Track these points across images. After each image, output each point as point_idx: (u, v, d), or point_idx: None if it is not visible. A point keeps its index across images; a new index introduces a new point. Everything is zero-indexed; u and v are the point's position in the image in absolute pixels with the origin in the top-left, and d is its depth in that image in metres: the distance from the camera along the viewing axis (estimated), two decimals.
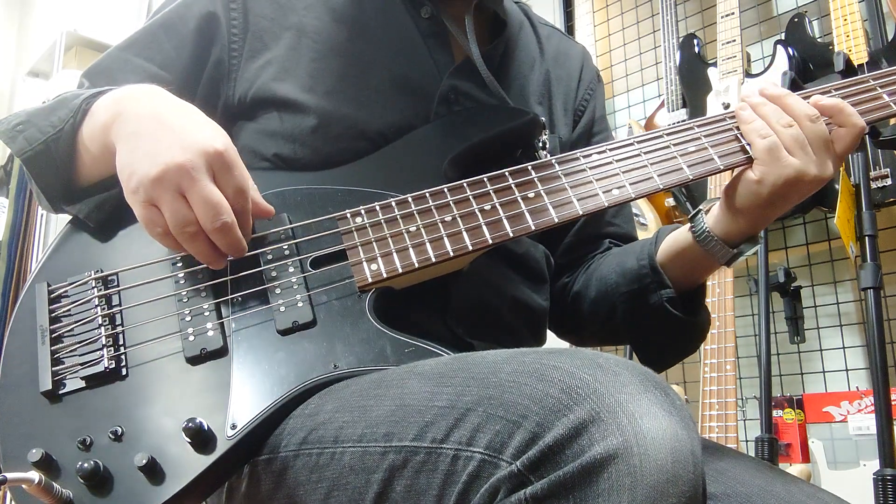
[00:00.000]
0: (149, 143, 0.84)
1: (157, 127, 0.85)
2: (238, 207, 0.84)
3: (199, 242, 0.83)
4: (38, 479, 0.75)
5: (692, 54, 2.87)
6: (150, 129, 0.85)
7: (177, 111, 0.88)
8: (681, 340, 1.09)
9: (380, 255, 0.89)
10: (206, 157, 0.82)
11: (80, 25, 3.49)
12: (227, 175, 0.83)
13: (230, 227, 0.82)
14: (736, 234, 0.97)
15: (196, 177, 0.81)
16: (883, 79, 0.99)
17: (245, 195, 0.85)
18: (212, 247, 0.84)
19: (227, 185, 0.83)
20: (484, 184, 0.93)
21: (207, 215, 0.81)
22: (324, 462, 0.76)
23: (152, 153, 0.82)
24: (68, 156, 0.93)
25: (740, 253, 0.98)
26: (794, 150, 0.91)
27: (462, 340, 0.97)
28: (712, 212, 1.00)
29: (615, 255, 1.13)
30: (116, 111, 0.89)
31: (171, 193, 0.81)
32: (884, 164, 2.31)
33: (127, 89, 0.93)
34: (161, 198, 0.81)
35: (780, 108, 0.93)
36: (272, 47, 1.03)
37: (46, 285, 0.90)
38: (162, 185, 0.81)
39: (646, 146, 0.95)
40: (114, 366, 0.85)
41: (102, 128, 0.90)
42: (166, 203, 0.81)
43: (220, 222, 0.81)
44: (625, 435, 0.58)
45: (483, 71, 1.04)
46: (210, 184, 0.82)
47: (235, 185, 0.84)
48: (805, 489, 0.86)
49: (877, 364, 1.87)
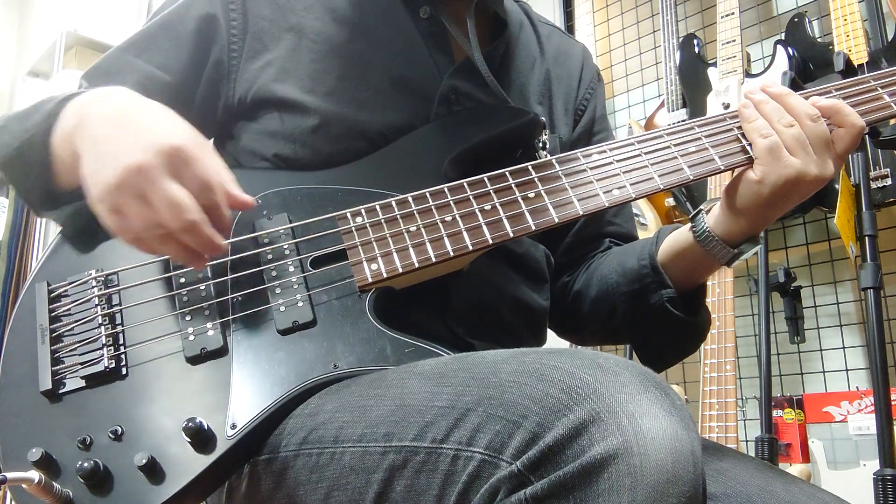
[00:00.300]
0: (107, 148, 0.81)
1: (114, 130, 0.82)
2: (207, 202, 0.80)
3: (170, 245, 0.80)
4: (37, 478, 0.75)
5: (692, 54, 2.87)
6: (109, 133, 0.82)
7: (138, 111, 0.85)
8: (681, 340, 1.09)
9: (380, 255, 0.89)
10: (164, 155, 0.79)
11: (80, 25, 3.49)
12: (187, 170, 0.80)
13: (196, 224, 0.79)
14: (737, 234, 0.97)
15: (154, 177, 0.78)
16: (883, 79, 0.99)
17: (211, 189, 0.81)
18: (186, 248, 0.81)
19: (190, 181, 0.80)
20: (484, 184, 0.93)
21: (170, 216, 0.78)
22: (324, 462, 0.76)
23: (111, 157, 0.80)
24: (43, 161, 0.90)
25: (741, 253, 0.98)
26: (795, 150, 0.91)
27: (462, 340, 0.97)
28: (713, 212, 1.00)
29: (616, 255, 1.13)
30: (79, 117, 0.87)
31: (133, 198, 0.78)
32: (884, 164, 2.31)
33: (92, 93, 0.91)
34: (124, 203, 0.79)
35: (781, 107, 0.93)
36: (272, 48, 1.03)
37: (46, 285, 0.90)
38: (122, 191, 0.78)
39: (646, 146, 0.95)
40: (114, 365, 0.85)
41: (68, 135, 0.87)
42: (130, 208, 0.79)
43: (184, 222, 0.78)
44: (625, 435, 0.58)
45: (484, 71, 1.04)
46: (169, 183, 0.78)
47: (199, 180, 0.80)
48: (805, 489, 0.86)
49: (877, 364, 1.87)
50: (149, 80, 1.01)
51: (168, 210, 0.78)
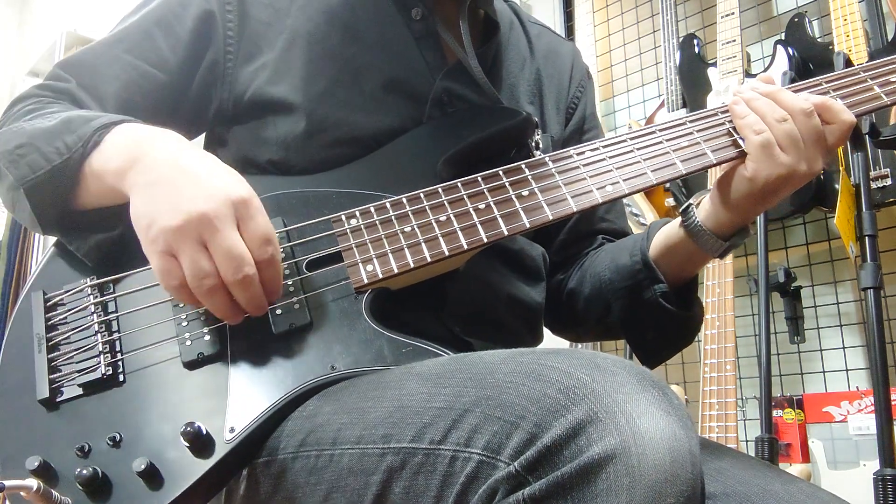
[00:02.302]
0: (169, 193, 0.80)
1: (177, 175, 0.81)
2: (265, 258, 0.81)
3: (217, 297, 0.80)
4: (36, 486, 0.75)
5: (692, 54, 2.87)
6: (171, 178, 0.81)
7: (198, 160, 0.84)
8: (676, 334, 1.09)
9: (375, 256, 0.88)
10: (232, 206, 0.79)
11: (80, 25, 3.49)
12: (252, 223, 0.80)
13: (251, 280, 0.79)
14: (728, 226, 0.98)
15: (219, 226, 0.78)
16: (873, 70, 0.99)
17: (273, 243, 0.81)
18: (230, 302, 0.81)
19: (251, 236, 0.80)
20: (478, 183, 0.93)
21: (229, 267, 0.78)
22: (322, 464, 0.76)
23: (174, 202, 0.79)
24: (71, 186, 0.89)
25: (733, 245, 0.99)
26: (787, 147, 0.91)
27: (459, 339, 0.97)
28: (703, 205, 1.00)
29: (608, 252, 1.14)
30: (133, 157, 0.85)
31: (193, 243, 0.78)
32: (884, 164, 2.31)
33: (143, 132, 0.89)
34: (181, 248, 0.78)
35: (773, 103, 0.93)
36: (266, 51, 1.03)
37: (42, 293, 0.90)
38: (183, 235, 0.78)
39: (639, 142, 0.96)
40: (111, 372, 0.85)
41: (116, 173, 0.85)
42: (186, 253, 0.78)
43: (242, 275, 0.78)
44: (623, 435, 0.58)
45: (477, 73, 1.04)
46: (234, 233, 0.79)
47: (262, 234, 0.80)
48: (804, 489, 0.86)
49: (877, 364, 1.86)
50: (143, 78, 1.01)
51: (226, 260, 0.78)
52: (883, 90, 0.97)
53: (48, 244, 0.97)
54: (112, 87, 1.00)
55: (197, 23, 1.03)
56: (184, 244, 0.78)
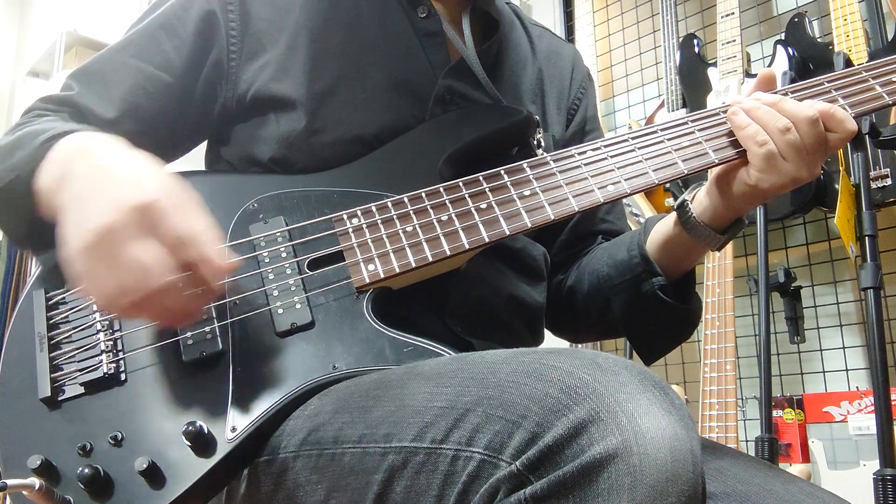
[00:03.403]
0: (82, 208, 0.76)
1: (91, 188, 0.77)
2: (185, 259, 0.75)
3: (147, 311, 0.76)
4: (38, 485, 0.75)
5: (692, 54, 2.87)
6: (85, 192, 0.77)
7: (117, 167, 0.79)
8: (674, 327, 1.10)
9: (377, 256, 0.89)
10: (134, 213, 0.74)
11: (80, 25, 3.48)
12: (161, 227, 0.74)
13: (164, 291, 0.74)
14: (724, 220, 0.99)
15: (122, 238, 0.73)
16: (875, 70, 0.99)
17: (188, 243, 0.75)
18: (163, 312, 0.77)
19: (163, 239, 0.74)
20: (479, 182, 0.93)
21: (133, 281, 0.73)
22: (323, 463, 0.76)
23: (83, 219, 0.75)
24: (27, 202, 0.86)
25: (730, 238, 1.00)
26: (790, 157, 0.91)
27: (460, 339, 0.97)
28: (698, 200, 1.01)
29: (605, 249, 1.14)
30: (62, 172, 0.82)
31: (102, 262, 0.74)
32: (884, 164, 2.31)
33: (75, 146, 0.85)
34: (93, 270, 0.74)
35: (774, 111, 0.92)
36: (270, 49, 1.03)
37: (44, 292, 0.90)
38: (91, 255, 0.74)
39: (640, 142, 0.96)
40: (112, 371, 0.85)
41: (49, 190, 0.83)
42: (98, 274, 0.74)
43: (148, 289, 0.73)
44: (624, 434, 0.58)
45: (478, 71, 1.04)
46: (136, 244, 0.73)
47: (174, 237, 0.75)
48: (804, 488, 0.86)
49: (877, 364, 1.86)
50: (149, 81, 1.01)
51: (133, 274, 0.73)
52: (885, 90, 0.97)
53: None
54: (118, 92, 1.00)
55: (199, 23, 1.03)
56: (94, 264, 0.74)
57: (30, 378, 0.85)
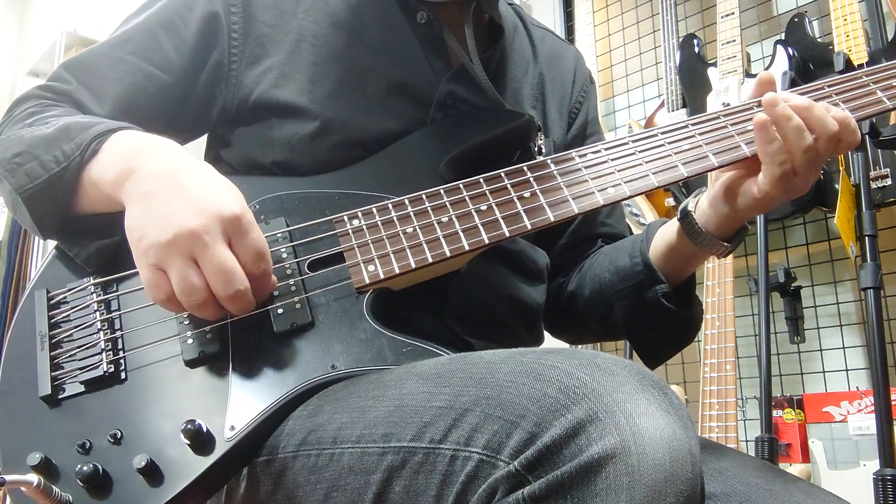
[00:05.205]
0: (161, 206, 0.81)
1: (170, 188, 0.82)
2: (257, 272, 0.82)
3: (206, 309, 0.81)
4: (37, 481, 0.75)
5: (692, 54, 2.87)
6: (163, 191, 0.82)
7: (192, 171, 0.85)
8: (678, 333, 1.10)
9: (377, 257, 0.89)
10: (222, 222, 0.80)
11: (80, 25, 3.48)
12: (244, 239, 0.81)
13: (243, 294, 0.80)
14: (729, 229, 0.99)
15: (209, 242, 0.78)
16: (875, 74, 0.99)
17: (265, 258, 0.82)
18: (219, 311, 0.82)
19: (244, 250, 0.81)
20: (480, 184, 0.93)
21: (220, 283, 0.79)
22: (322, 463, 0.76)
23: (164, 216, 0.80)
24: (70, 193, 0.90)
25: (735, 245, 1.00)
26: (802, 173, 0.90)
27: (460, 339, 0.97)
28: (701, 208, 1.00)
29: (607, 254, 1.14)
30: (128, 167, 0.85)
31: (182, 259, 0.79)
32: (884, 164, 2.31)
33: (140, 141, 0.89)
34: (170, 263, 0.79)
35: (803, 126, 0.89)
36: (273, 54, 1.03)
37: (46, 292, 0.90)
38: (173, 251, 0.79)
39: (640, 145, 0.96)
40: (113, 370, 0.85)
41: (112, 183, 0.86)
42: (175, 269, 0.79)
43: (233, 290, 0.79)
44: (622, 434, 0.58)
45: (481, 77, 1.04)
46: (224, 249, 0.79)
47: (254, 250, 0.81)
48: (804, 488, 0.86)
49: (877, 364, 1.87)
50: (148, 80, 1.00)
51: (217, 277, 0.79)
52: (885, 94, 0.97)
53: (49, 244, 0.97)
54: (115, 90, 1.00)
55: (201, 24, 1.02)
56: (173, 259, 0.79)
57: (30, 376, 0.85)
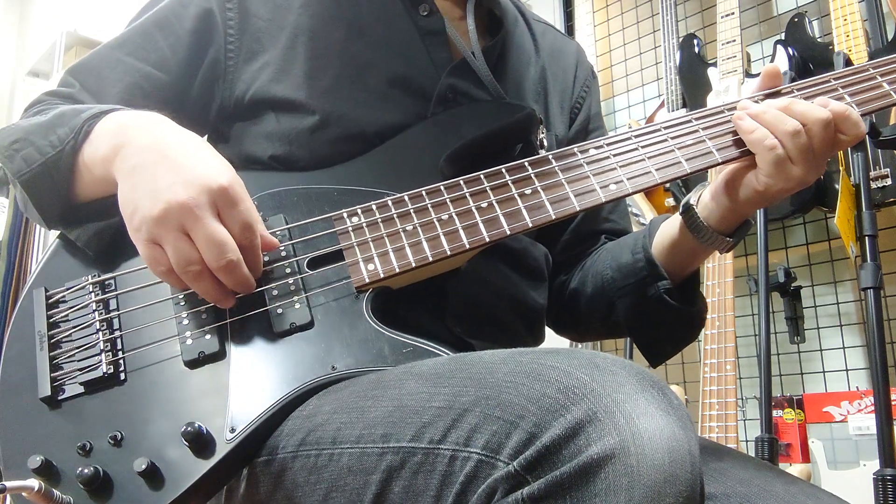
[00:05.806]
0: (150, 180, 0.82)
1: (158, 161, 0.83)
2: (245, 243, 0.83)
3: (204, 282, 0.82)
4: (37, 486, 0.75)
5: (692, 54, 2.87)
6: (152, 164, 0.83)
7: (180, 144, 0.86)
8: (681, 330, 1.09)
9: (377, 255, 0.88)
10: (210, 194, 0.81)
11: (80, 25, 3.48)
12: (232, 211, 0.82)
13: (236, 264, 0.81)
14: (731, 224, 0.98)
15: (199, 215, 0.79)
16: (882, 67, 0.98)
17: (252, 230, 0.83)
18: (218, 285, 0.83)
19: (232, 222, 0.82)
20: (481, 181, 0.92)
21: (212, 254, 0.80)
22: (322, 463, 0.76)
23: (154, 190, 0.81)
24: (67, 177, 0.91)
25: (738, 240, 0.99)
26: (799, 161, 0.89)
27: (460, 339, 0.97)
28: (703, 203, 1.00)
29: (609, 251, 1.13)
30: (118, 143, 0.87)
31: (175, 233, 0.80)
32: (884, 164, 2.31)
33: (129, 117, 0.90)
34: (164, 237, 0.80)
35: (782, 114, 0.90)
36: (269, 49, 1.03)
37: (44, 291, 0.90)
38: (164, 224, 0.80)
39: (643, 140, 0.95)
40: (112, 371, 0.85)
41: (103, 160, 0.88)
42: (169, 242, 0.80)
43: (225, 261, 0.80)
44: (622, 435, 0.58)
45: (483, 69, 1.04)
46: (214, 221, 0.80)
47: (242, 221, 0.82)
48: (804, 489, 0.86)
49: (877, 364, 1.87)
50: (145, 79, 1.01)
51: (208, 247, 0.80)
52: (893, 87, 0.96)
53: (48, 243, 0.97)
54: (114, 90, 1.01)
55: (196, 22, 1.03)
56: (166, 233, 0.80)
57: (30, 377, 0.85)
